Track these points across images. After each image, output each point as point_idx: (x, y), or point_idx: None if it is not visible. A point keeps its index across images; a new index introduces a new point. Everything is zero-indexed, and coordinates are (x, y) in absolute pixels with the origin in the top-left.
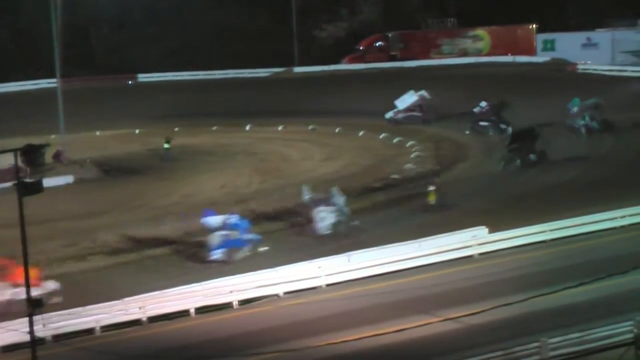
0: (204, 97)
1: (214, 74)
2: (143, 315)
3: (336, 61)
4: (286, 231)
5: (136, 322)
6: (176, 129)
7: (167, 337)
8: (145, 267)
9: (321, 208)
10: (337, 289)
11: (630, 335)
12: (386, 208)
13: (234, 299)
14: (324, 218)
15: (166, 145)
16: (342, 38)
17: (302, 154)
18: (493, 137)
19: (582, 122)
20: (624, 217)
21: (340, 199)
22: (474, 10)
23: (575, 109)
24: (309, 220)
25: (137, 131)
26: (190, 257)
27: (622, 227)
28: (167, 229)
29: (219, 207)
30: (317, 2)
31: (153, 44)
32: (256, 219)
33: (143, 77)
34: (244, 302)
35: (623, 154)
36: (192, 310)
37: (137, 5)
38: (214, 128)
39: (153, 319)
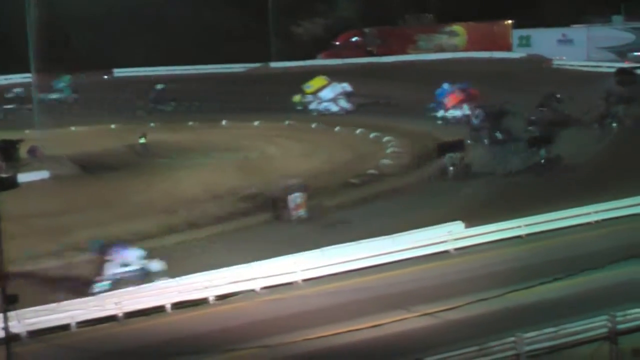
0: (180, 93)
1: (190, 70)
2: (119, 311)
3: (313, 57)
4: (266, 225)
5: (112, 318)
6: (152, 125)
7: (143, 333)
8: None
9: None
10: (313, 285)
11: (604, 330)
12: (365, 203)
13: (210, 294)
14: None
15: (142, 141)
16: (319, 34)
17: (280, 149)
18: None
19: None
20: (597, 212)
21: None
22: (451, 6)
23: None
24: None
25: (112, 126)
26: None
27: (597, 222)
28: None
29: (199, 204)
30: None
31: (129, 39)
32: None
33: (119, 72)
34: (220, 298)
35: (593, 149)
36: (168, 306)
37: (112, 1)
38: (190, 124)
39: (129, 315)
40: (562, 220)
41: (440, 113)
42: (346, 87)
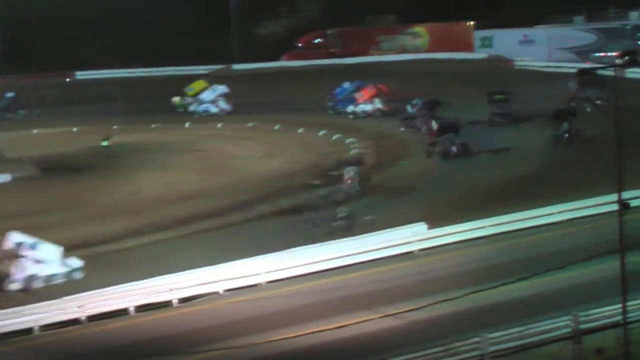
0: (142, 95)
1: (153, 71)
2: (82, 314)
3: (275, 58)
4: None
5: (75, 321)
6: (115, 127)
7: (106, 336)
8: None
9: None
10: (278, 286)
11: (568, 330)
12: (326, 205)
13: (174, 297)
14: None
15: (104, 143)
16: (282, 35)
17: (244, 151)
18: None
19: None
20: (561, 212)
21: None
22: (413, 8)
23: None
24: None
25: (75, 129)
26: None
27: (560, 222)
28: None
29: (163, 205)
30: None
31: (91, 41)
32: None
33: (81, 75)
34: (184, 300)
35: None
36: (132, 309)
37: (74, 2)
38: (153, 126)
39: (92, 318)
40: (526, 221)
41: (350, 108)
42: (224, 89)
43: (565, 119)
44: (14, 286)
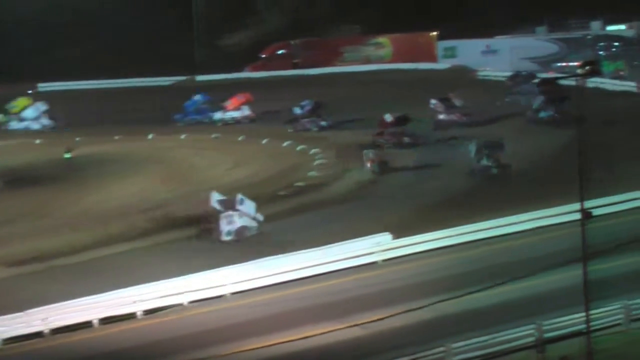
0: (105, 106)
1: (115, 83)
2: (45, 327)
3: (240, 69)
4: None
5: (39, 335)
6: (78, 139)
7: (69, 349)
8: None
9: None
10: (243, 297)
11: (532, 339)
12: (292, 215)
13: (138, 309)
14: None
15: (67, 155)
16: (247, 46)
17: (208, 161)
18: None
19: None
20: (526, 221)
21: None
22: (376, 18)
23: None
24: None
25: (37, 141)
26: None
27: (525, 231)
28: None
29: (127, 216)
30: (221, 9)
31: (55, 52)
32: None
33: (43, 87)
34: (148, 312)
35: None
36: (96, 321)
37: (35, 13)
38: (117, 137)
39: (56, 331)
40: (490, 230)
41: (218, 116)
42: (45, 106)
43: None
44: (229, 237)
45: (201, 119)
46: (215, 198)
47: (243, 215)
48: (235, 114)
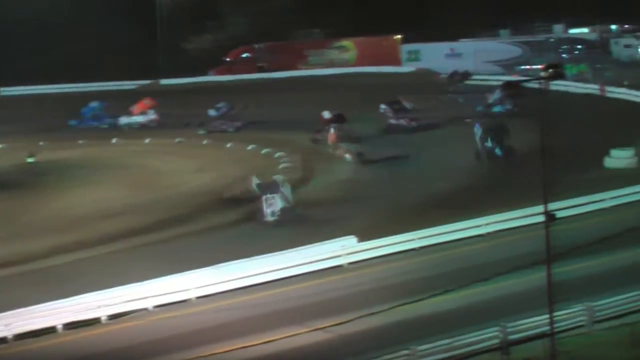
0: (68, 111)
1: (79, 87)
2: (9, 332)
3: (203, 73)
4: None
5: (2, 340)
6: (41, 143)
7: (33, 355)
8: None
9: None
10: (208, 302)
11: (496, 341)
12: (256, 220)
13: (103, 314)
14: (272, 204)
15: (30, 160)
16: (210, 50)
17: (172, 166)
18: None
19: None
20: (488, 224)
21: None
22: (340, 22)
23: None
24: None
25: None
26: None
27: (488, 234)
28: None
29: (89, 222)
30: (183, 13)
31: (15, 56)
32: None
33: (5, 91)
34: (113, 317)
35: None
36: (60, 327)
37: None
38: (80, 142)
39: (19, 337)
40: (455, 233)
41: (124, 121)
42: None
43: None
44: (273, 218)
45: (98, 125)
46: (254, 181)
47: (283, 198)
48: (140, 119)
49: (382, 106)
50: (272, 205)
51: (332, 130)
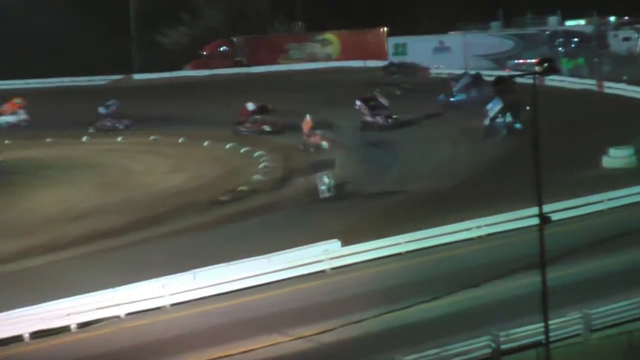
0: (36, 108)
1: (48, 83)
2: None
3: (179, 68)
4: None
5: None
6: (7, 142)
7: None
8: None
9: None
10: (183, 309)
11: (487, 350)
12: (234, 222)
13: (72, 322)
14: (324, 182)
15: None
16: (185, 43)
17: (144, 166)
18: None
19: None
20: (480, 227)
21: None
22: (323, 14)
23: None
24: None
25: None
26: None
27: (480, 237)
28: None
29: (57, 224)
30: (157, 5)
31: None
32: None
33: None
34: (83, 325)
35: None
36: (27, 336)
37: None
38: (48, 140)
39: None
40: (444, 236)
41: None
42: None
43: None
44: (328, 194)
45: None
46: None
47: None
48: (11, 119)
49: (357, 102)
50: (327, 182)
51: (307, 118)
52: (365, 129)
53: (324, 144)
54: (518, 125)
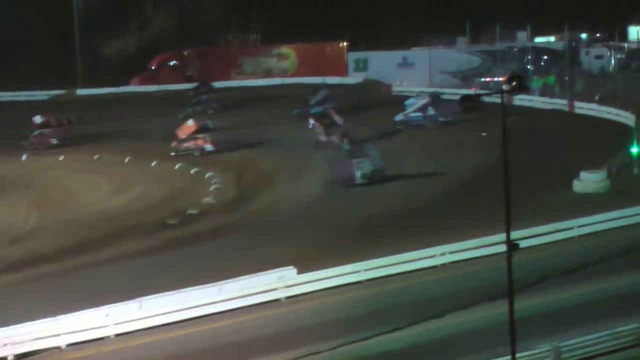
0: None
1: None
2: None
3: (125, 82)
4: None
5: None
6: None
7: None
8: None
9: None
10: (128, 339)
11: None
12: (183, 247)
13: (9, 353)
14: (361, 167)
15: None
16: (132, 55)
17: (86, 185)
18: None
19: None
20: (443, 254)
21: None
22: (278, 26)
23: None
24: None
25: None
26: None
27: (443, 265)
28: None
29: None
30: (101, 14)
31: None
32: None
33: None
34: (21, 357)
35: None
36: None
37: None
38: None
39: None
40: (406, 264)
41: None
42: None
43: None
44: (362, 180)
45: None
46: (345, 147)
47: (372, 160)
48: None
49: (311, 121)
50: (362, 169)
51: (190, 123)
52: (319, 149)
53: (208, 146)
54: (441, 119)
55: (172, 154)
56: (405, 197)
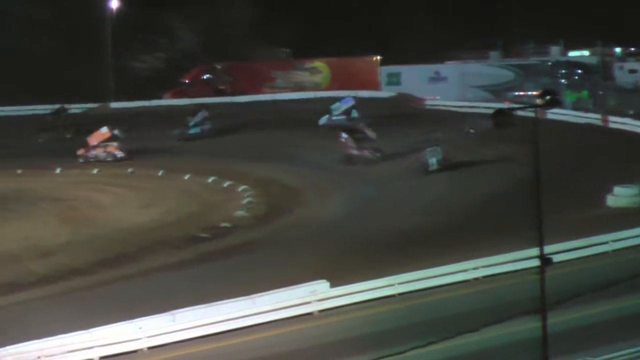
0: (5, 137)
1: (19, 110)
2: None
3: (157, 96)
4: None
5: None
6: None
7: None
8: None
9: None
10: (161, 352)
11: None
12: (215, 260)
13: None
14: (434, 155)
15: None
16: (161, 69)
17: (117, 200)
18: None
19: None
20: (476, 268)
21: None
22: (312, 41)
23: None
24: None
25: None
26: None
27: (476, 279)
28: None
29: (22, 262)
30: (130, 30)
31: None
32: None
33: None
34: None
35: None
36: None
37: None
38: (19, 171)
39: None
40: (439, 278)
41: None
42: None
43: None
44: (435, 167)
45: None
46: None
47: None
48: None
49: (343, 135)
50: (436, 155)
51: (103, 130)
52: (350, 164)
53: (119, 153)
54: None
55: (81, 160)
56: (434, 212)
